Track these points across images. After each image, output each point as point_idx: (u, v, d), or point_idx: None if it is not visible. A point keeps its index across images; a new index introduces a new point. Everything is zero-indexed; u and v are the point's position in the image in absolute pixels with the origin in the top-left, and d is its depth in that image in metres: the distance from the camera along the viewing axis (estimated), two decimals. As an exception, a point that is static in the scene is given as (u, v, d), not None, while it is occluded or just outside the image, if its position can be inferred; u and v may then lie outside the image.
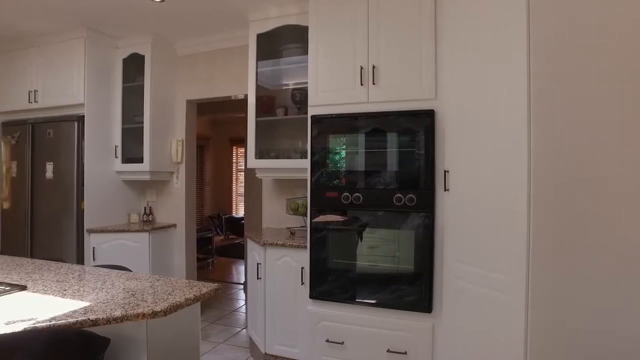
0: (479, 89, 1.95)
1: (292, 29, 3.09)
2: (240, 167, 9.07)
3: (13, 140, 3.92)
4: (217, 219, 8.19)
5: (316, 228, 2.59)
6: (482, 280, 1.91)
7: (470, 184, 2.01)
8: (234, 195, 9.16)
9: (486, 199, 1.89)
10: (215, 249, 6.75)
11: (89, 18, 3.38)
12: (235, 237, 8.33)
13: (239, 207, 9.12)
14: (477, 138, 1.96)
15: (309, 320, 2.60)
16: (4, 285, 1.60)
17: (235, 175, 9.16)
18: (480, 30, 1.94)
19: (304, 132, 3.16)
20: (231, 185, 9.15)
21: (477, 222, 1.95)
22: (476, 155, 1.96)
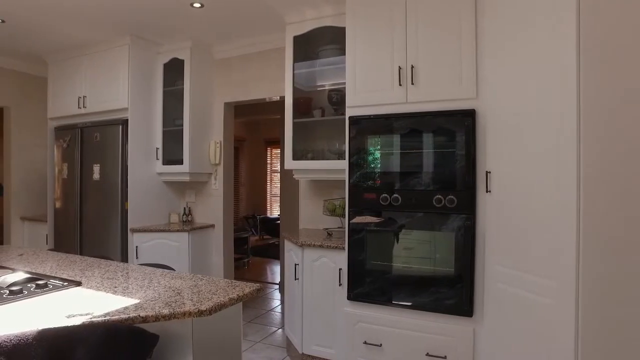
0: (523, 88, 1.89)
1: (328, 30, 3.10)
2: (274, 168, 9.18)
3: (64, 143, 4.12)
4: (252, 220, 8.32)
5: (354, 229, 2.58)
6: (526, 284, 1.85)
7: (514, 185, 1.95)
8: (269, 195, 9.28)
9: (531, 201, 1.83)
10: (251, 249, 6.85)
11: (133, 26, 3.51)
12: (269, 237, 8.43)
13: (273, 208, 9.23)
14: (521, 138, 1.90)
15: (347, 322, 2.60)
16: (62, 280, 1.69)
17: (270, 176, 9.27)
18: (525, 29, 1.88)
19: (340, 133, 3.16)
20: (266, 186, 9.27)
21: (521, 225, 1.89)
22: (520, 156, 1.90)
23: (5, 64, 4.59)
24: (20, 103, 4.78)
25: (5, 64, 4.60)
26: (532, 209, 1.82)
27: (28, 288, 1.56)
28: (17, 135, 4.78)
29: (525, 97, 1.88)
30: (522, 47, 1.90)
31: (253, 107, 4.36)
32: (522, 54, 1.90)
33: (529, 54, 1.85)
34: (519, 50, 1.92)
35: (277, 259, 6.81)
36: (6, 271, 1.83)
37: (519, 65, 1.92)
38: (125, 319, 1.28)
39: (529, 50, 1.86)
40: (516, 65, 1.94)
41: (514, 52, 1.95)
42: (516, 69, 1.94)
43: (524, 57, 1.88)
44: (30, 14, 3.31)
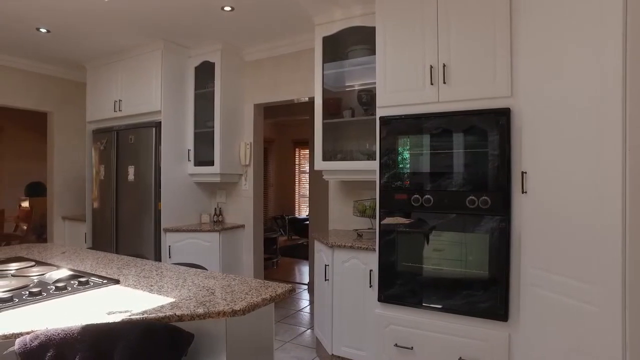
0: (562, 85, 1.82)
1: (357, 30, 3.08)
2: (303, 169, 9.22)
3: (101, 146, 4.27)
4: (281, 220, 8.38)
5: (385, 230, 2.55)
6: (566, 289, 1.78)
7: (552, 185, 1.88)
8: (297, 196, 9.32)
9: (571, 202, 1.76)
10: (279, 249, 6.90)
11: (166, 31, 3.61)
12: (298, 237, 8.47)
13: (301, 208, 9.27)
14: (560, 137, 1.83)
15: (377, 324, 2.57)
16: (102, 278, 1.74)
17: (298, 177, 9.32)
18: (564, 23, 1.81)
19: (370, 134, 3.14)
20: (294, 186, 9.33)
21: (560, 227, 1.82)
22: (559, 155, 1.83)
23: (49, 71, 4.82)
24: (62, 108, 4.99)
25: (50, 71, 4.82)
26: (572, 210, 1.75)
27: (71, 284, 1.62)
28: (59, 139, 5.00)
29: (565, 95, 1.81)
30: (562, 43, 1.83)
31: (281, 108, 4.40)
32: (562, 50, 1.82)
33: (570, 50, 1.78)
34: (558, 46, 1.85)
35: (305, 260, 6.83)
36: (51, 268, 1.91)
37: (559, 62, 1.85)
38: (162, 318, 1.31)
39: (569, 45, 1.79)
40: (555, 62, 1.87)
41: (553, 48, 1.88)
42: (554, 63, 1.87)
43: (564, 53, 1.81)
44: (73, 24, 3.46)
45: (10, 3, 3.11)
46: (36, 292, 1.50)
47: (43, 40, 3.89)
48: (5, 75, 4.48)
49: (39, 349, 1.15)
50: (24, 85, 4.64)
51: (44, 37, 3.82)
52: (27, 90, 4.68)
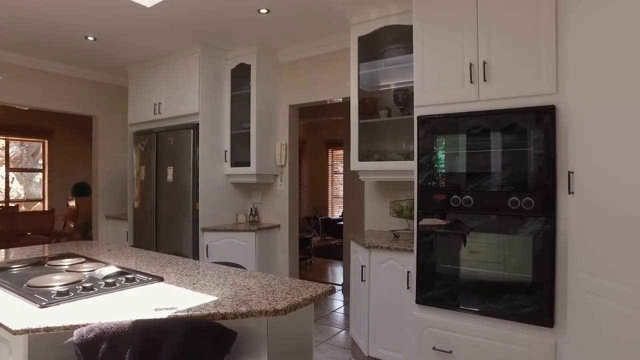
0: (616, 81, 1.73)
1: (394, 29, 3.05)
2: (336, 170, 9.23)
3: (142, 147, 4.43)
4: (314, 220, 8.41)
5: (423, 231, 2.51)
6: (619, 296, 1.69)
7: (602, 185, 1.79)
8: (330, 196, 9.33)
9: (624, 203, 1.67)
10: (313, 250, 6.93)
11: (203, 35, 3.69)
12: (331, 238, 8.48)
13: (334, 209, 9.28)
14: (612, 135, 1.74)
15: (415, 326, 2.54)
16: (147, 275, 1.80)
17: (331, 177, 9.33)
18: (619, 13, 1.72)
19: (407, 134, 3.11)
20: (327, 187, 9.34)
21: (611, 229, 1.73)
22: (613, 154, 1.74)
23: (95, 77, 5.04)
24: (106, 112, 5.21)
25: (95, 77, 5.05)
26: (625, 212, 1.66)
27: (119, 281, 1.69)
28: (103, 141, 5.22)
29: (618, 92, 1.72)
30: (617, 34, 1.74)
31: (314, 108, 4.41)
32: (617, 42, 1.74)
33: (626, 41, 1.69)
34: (612, 38, 1.77)
35: (339, 260, 6.83)
36: (100, 264, 1.99)
37: (613, 55, 1.76)
38: (206, 315, 1.34)
39: (625, 37, 1.70)
40: (606, 54, 1.78)
41: (606, 40, 1.80)
42: (606, 58, 1.78)
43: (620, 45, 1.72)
44: (117, 31, 3.61)
45: (62, 15, 3.27)
46: (88, 287, 1.57)
47: (90, 47, 4.08)
48: (56, 82, 4.72)
49: (94, 340, 1.20)
50: (72, 90, 4.88)
51: (91, 45, 3.99)
52: (75, 96, 4.91)
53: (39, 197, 8.60)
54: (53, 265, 2.01)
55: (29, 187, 8.64)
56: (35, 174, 8.65)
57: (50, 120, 7.87)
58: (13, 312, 1.35)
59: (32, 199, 8.59)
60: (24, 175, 8.57)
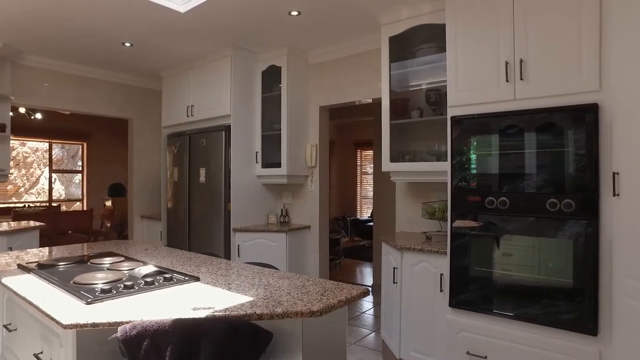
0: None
1: (425, 28, 3.01)
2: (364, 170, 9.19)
3: (175, 149, 4.54)
4: (342, 221, 8.40)
5: (457, 233, 2.47)
6: (670, 302, 1.61)
7: (652, 188, 1.71)
8: (359, 197, 9.30)
9: (676, 207, 1.59)
10: (342, 251, 6.92)
11: (235, 38, 3.75)
12: (360, 239, 8.45)
13: (363, 210, 9.24)
14: (661, 134, 1.66)
15: (448, 330, 2.49)
16: (183, 275, 1.85)
17: (360, 178, 9.30)
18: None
19: (439, 134, 3.06)
20: (356, 187, 9.31)
21: (662, 234, 1.65)
22: (660, 155, 1.66)
23: (130, 81, 5.22)
24: (141, 114, 5.38)
25: (131, 81, 5.22)
26: (677, 216, 1.58)
27: (158, 280, 1.73)
28: (138, 143, 5.39)
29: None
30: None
31: (342, 109, 4.41)
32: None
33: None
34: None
35: (367, 261, 6.79)
36: (138, 263, 2.06)
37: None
38: (243, 315, 1.36)
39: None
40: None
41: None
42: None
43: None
44: (153, 36, 3.72)
45: (102, 23, 3.41)
46: (129, 286, 1.62)
47: (126, 53, 4.22)
48: (94, 87, 4.91)
49: (137, 337, 1.24)
50: (109, 94, 5.06)
51: (128, 50, 4.13)
52: (112, 99, 5.09)
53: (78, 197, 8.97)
54: (95, 264, 2.09)
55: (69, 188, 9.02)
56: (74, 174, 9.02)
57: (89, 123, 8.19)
58: (62, 308, 1.41)
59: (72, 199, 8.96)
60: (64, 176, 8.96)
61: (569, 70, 2.11)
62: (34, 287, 1.68)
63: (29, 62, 4.35)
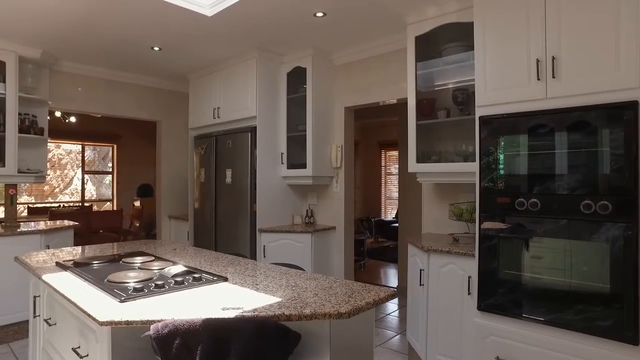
0: None
1: (452, 27, 2.97)
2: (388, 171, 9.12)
3: (202, 151, 4.62)
4: (367, 222, 8.36)
5: (485, 235, 2.42)
6: None
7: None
8: (383, 198, 9.24)
9: None
10: (367, 252, 6.89)
11: (260, 40, 3.79)
12: (384, 240, 8.39)
13: (387, 210, 9.17)
14: None
15: (477, 333, 2.44)
16: (212, 275, 1.87)
17: (384, 179, 9.23)
18: None
19: (466, 134, 3.00)
20: (380, 188, 9.25)
21: None
22: None
23: (159, 84, 5.34)
24: (168, 117, 5.50)
25: (159, 84, 5.35)
26: None
27: (187, 280, 1.77)
28: (166, 145, 5.51)
29: None
30: None
31: (367, 110, 4.39)
32: None
33: None
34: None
35: (392, 262, 6.74)
36: (168, 263, 2.10)
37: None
38: (272, 316, 1.37)
39: None
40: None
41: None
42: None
43: None
44: (180, 40, 3.80)
45: (132, 29, 3.50)
46: (160, 285, 1.66)
47: (155, 57, 4.32)
48: (124, 90, 5.05)
49: (169, 336, 1.27)
50: (138, 97, 5.20)
51: (156, 55, 4.23)
52: (141, 102, 5.22)
53: (108, 198, 9.25)
54: (127, 263, 2.15)
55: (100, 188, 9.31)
56: (105, 175, 9.30)
57: (119, 125, 8.43)
58: (98, 305, 1.46)
59: (103, 199, 9.24)
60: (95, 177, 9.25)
61: (606, 67, 2.03)
62: (71, 284, 1.74)
63: (64, 68, 4.52)
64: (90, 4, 3.04)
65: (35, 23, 3.41)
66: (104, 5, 3.05)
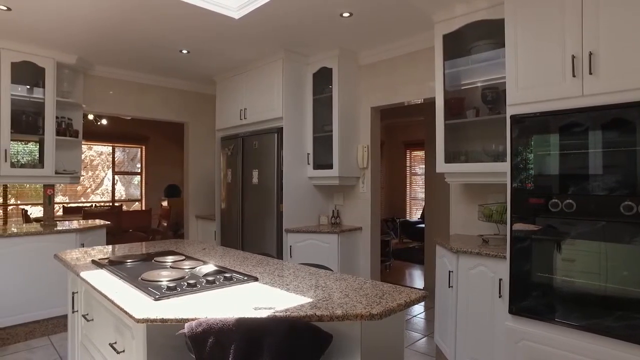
0: None
1: (481, 24, 2.91)
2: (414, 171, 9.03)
3: (229, 151, 4.68)
4: (391, 222, 8.30)
5: (517, 237, 2.36)
6: None
7: None
8: (408, 198, 9.15)
9: None
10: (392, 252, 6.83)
11: (286, 41, 3.81)
12: (409, 240, 8.30)
13: (412, 211, 9.07)
14: None
15: (508, 338, 2.39)
16: (242, 275, 1.90)
17: (409, 179, 9.14)
18: None
19: (496, 134, 2.94)
20: (405, 188, 9.17)
21: None
22: None
23: (186, 86, 5.45)
24: (196, 118, 5.60)
25: (186, 86, 5.45)
26: None
27: (218, 279, 1.79)
28: (193, 146, 5.61)
29: None
30: None
31: (392, 110, 4.36)
32: None
33: None
34: None
35: (417, 263, 6.66)
36: (198, 262, 2.14)
37: None
38: (304, 316, 1.37)
39: None
40: None
41: None
42: None
43: None
44: (208, 43, 3.86)
45: (162, 33, 3.58)
46: (192, 284, 1.69)
47: (183, 60, 4.41)
48: (153, 93, 5.18)
49: (203, 334, 1.29)
50: (166, 100, 5.31)
51: (184, 57, 4.32)
52: (168, 104, 5.34)
53: (137, 198, 9.49)
54: (159, 262, 2.20)
55: (129, 189, 9.57)
56: (134, 176, 9.55)
57: (147, 127, 8.64)
58: (134, 303, 1.49)
59: (132, 199, 9.49)
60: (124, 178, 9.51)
61: (646, 63, 1.95)
62: (107, 282, 1.79)
63: (97, 72, 4.66)
64: (123, 11, 3.13)
65: (72, 30, 3.53)
66: (136, 11, 3.14)
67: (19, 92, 3.93)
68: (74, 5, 3.08)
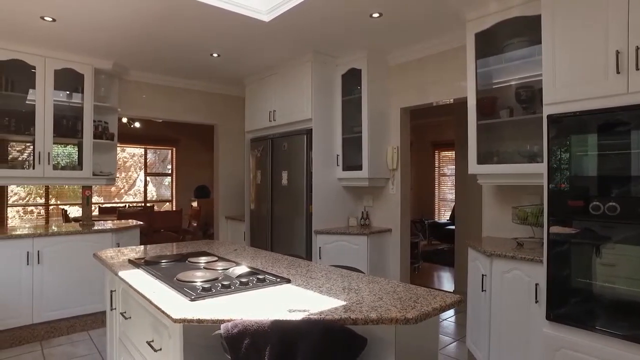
0: None
1: (515, 22, 2.84)
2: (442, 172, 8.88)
3: (258, 153, 4.73)
4: (420, 224, 8.19)
5: (555, 240, 2.28)
6: None
7: None
8: (437, 200, 9.01)
9: None
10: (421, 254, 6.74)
11: (315, 43, 3.82)
12: (438, 242, 8.18)
13: (441, 212, 8.93)
14: None
15: (546, 345, 2.31)
16: (274, 276, 1.91)
17: (438, 180, 9.00)
18: None
19: (531, 134, 2.86)
20: (434, 190, 9.03)
21: None
22: None
23: (216, 89, 5.55)
24: (225, 120, 5.69)
25: (216, 89, 5.55)
26: None
27: (252, 281, 1.81)
28: (223, 148, 5.71)
29: None
30: None
31: (420, 110, 4.30)
32: None
33: None
34: None
35: (446, 266, 6.55)
36: (231, 263, 2.17)
37: None
38: (338, 319, 1.37)
39: None
40: None
41: None
42: None
43: None
44: (238, 46, 3.92)
45: (194, 37, 3.66)
46: (226, 285, 1.71)
47: (214, 63, 4.48)
48: (184, 96, 5.29)
49: (239, 335, 1.31)
50: (197, 102, 5.42)
51: (215, 61, 4.39)
52: (198, 107, 5.45)
53: (168, 198, 9.72)
54: (192, 262, 2.24)
55: (160, 189, 9.82)
56: (165, 177, 9.80)
57: (178, 129, 8.84)
58: (170, 303, 1.53)
59: (163, 200, 9.73)
60: (156, 179, 9.76)
61: (696, 59, 1.85)
62: (144, 282, 1.84)
63: (131, 76, 4.81)
64: (157, 16, 3.22)
65: (110, 37, 3.66)
66: (169, 16, 3.21)
67: (60, 98, 4.11)
68: (115, 16, 3.19)
